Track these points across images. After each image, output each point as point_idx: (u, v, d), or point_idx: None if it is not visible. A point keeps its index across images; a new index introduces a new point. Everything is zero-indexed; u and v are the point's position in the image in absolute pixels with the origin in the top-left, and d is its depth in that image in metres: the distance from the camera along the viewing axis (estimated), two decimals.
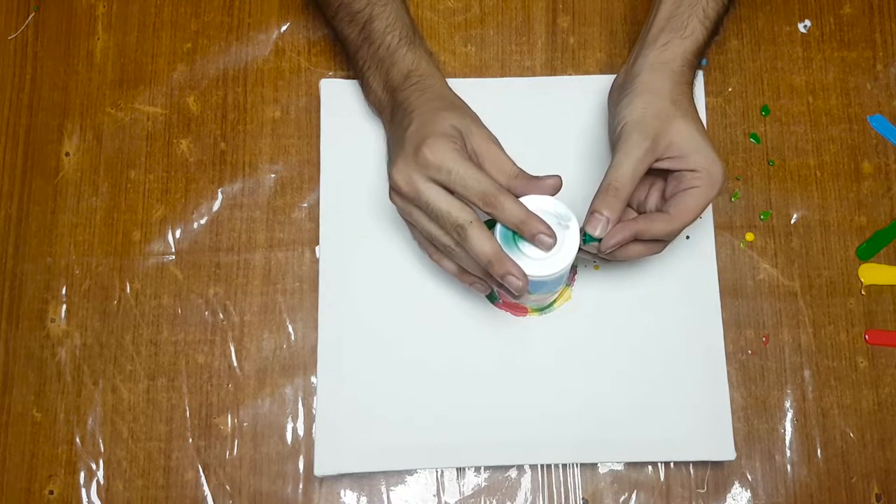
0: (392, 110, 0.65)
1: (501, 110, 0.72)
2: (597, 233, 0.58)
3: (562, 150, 0.71)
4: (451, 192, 0.57)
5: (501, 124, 0.71)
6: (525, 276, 0.56)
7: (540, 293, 0.64)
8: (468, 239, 0.56)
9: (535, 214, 0.57)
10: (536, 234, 0.56)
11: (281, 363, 0.69)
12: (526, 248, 0.58)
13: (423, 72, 0.64)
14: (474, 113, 0.62)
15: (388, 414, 0.67)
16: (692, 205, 0.59)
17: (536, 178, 0.58)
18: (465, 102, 0.63)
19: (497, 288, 0.61)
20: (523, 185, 0.58)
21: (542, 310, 0.68)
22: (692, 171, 0.60)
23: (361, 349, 0.68)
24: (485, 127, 0.61)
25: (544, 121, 0.72)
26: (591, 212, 0.58)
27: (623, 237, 0.58)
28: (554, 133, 0.71)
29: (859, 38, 0.74)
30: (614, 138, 0.61)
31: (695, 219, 0.60)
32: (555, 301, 0.68)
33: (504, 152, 0.59)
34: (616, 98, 0.63)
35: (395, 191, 0.59)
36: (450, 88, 0.65)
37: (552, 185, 0.58)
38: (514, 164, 0.59)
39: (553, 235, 0.56)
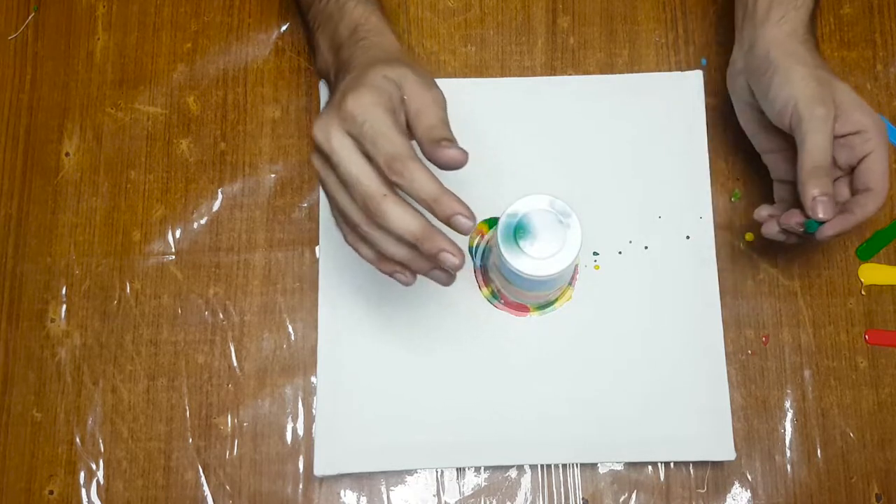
0: (336, 73, 0.60)
1: (501, 110, 0.72)
2: (828, 215, 0.57)
3: (562, 150, 0.71)
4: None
5: (501, 124, 0.71)
6: (461, 251, 0.50)
7: (541, 291, 0.64)
8: (384, 215, 0.50)
9: (451, 193, 0.50)
10: (452, 215, 0.50)
11: (281, 363, 0.69)
12: (528, 247, 0.58)
13: (373, 27, 0.60)
14: (422, 70, 0.56)
15: (388, 414, 0.67)
16: (882, 169, 0.58)
17: (444, 148, 0.51)
18: (414, 60, 0.58)
19: (426, 274, 0.54)
20: (432, 150, 0.51)
21: (542, 308, 0.68)
22: (857, 133, 0.59)
23: (361, 349, 0.68)
24: (428, 79, 0.55)
25: (544, 121, 0.72)
26: (814, 198, 0.57)
27: (842, 228, 0.57)
28: (554, 133, 0.71)
29: (859, 38, 0.74)
30: (785, 121, 0.59)
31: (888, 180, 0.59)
32: (556, 300, 0.68)
33: (441, 110, 0.53)
34: (759, 82, 0.61)
35: (314, 148, 0.53)
36: (400, 48, 0.60)
37: (452, 157, 0.51)
38: (444, 128, 0.53)
39: (473, 218, 0.50)
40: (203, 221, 0.71)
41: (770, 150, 0.65)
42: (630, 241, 0.70)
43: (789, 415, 0.68)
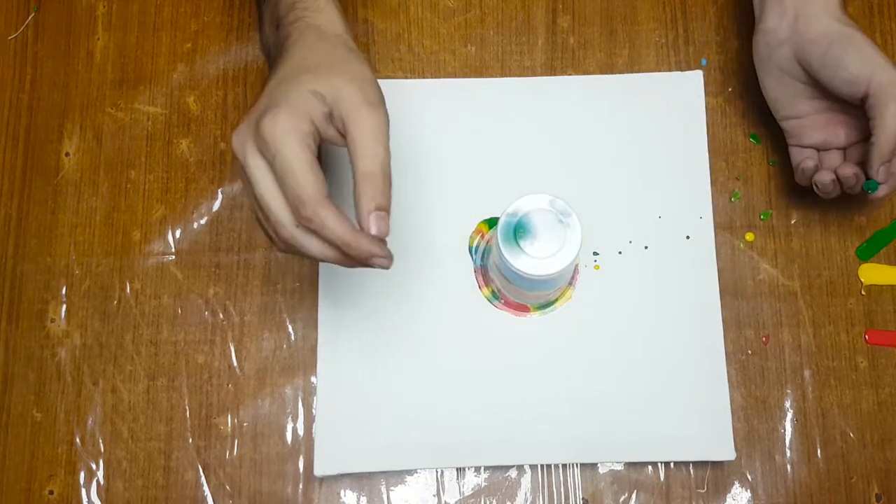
0: (272, 52, 0.57)
1: (501, 110, 0.72)
2: (886, 179, 0.62)
3: (562, 150, 0.71)
4: None
5: (501, 124, 0.72)
6: (390, 254, 0.50)
7: (541, 290, 0.64)
8: (298, 245, 0.50)
9: (365, 235, 0.49)
10: (369, 257, 0.49)
11: (281, 363, 0.69)
12: (527, 246, 0.58)
13: (310, 3, 0.56)
14: (360, 71, 0.52)
15: (388, 414, 0.67)
16: None
17: (370, 243, 0.49)
18: (353, 52, 0.54)
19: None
20: (362, 218, 0.49)
21: (543, 308, 0.68)
22: None
23: (361, 349, 0.68)
24: (368, 90, 0.51)
25: (544, 121, 0.72)
26: (883, 163, 0.61)
27: (891, 189, 0.62)
28: (554, 133, 0.71)
29: None
30: (858, 89, 0.61)
31: None
32: (556, 300, 0.68)
33: (380, 145, 0.50)
34: (826, 52, 0.62)
35: (233, 154, 0.52)
36: (341, 30, 0.55)
37: (376, 223, 0.49)
38: (379, 184, 0.49)
39: (390, 257, 0.50)
40: (203, 221, 0.71)
41: (794, 116, 0.66)
42: (630, 241, 0.70)
43: (789, 415, 0.68)
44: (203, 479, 0.67)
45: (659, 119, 0.72)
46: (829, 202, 0.71)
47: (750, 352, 0.69)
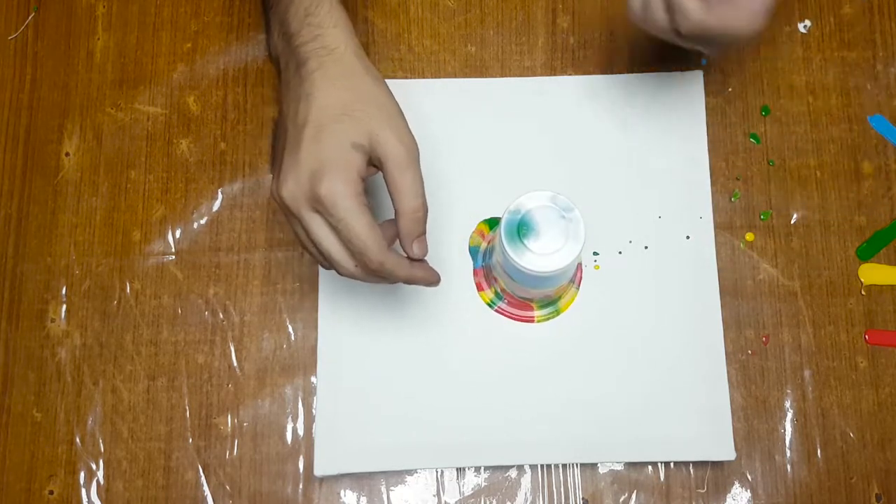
0: (287, 63, 0.58)
1: (502, 110, 0.72)
2: None
3: (562, 150, 0.71)
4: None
5: (501, 124, 0.72)
6: (438, 276, 0.58)
7: (546, 287, 0.64)
8: (364, 279, 0.56)
9: (419, 267, 0.57)
10: (428, 283, 0.58)
11: (281, 363, 0.69)
12: (530, 243, 0.58)
13: (323, 18, 0.57)
14: (387, 100, 0.57)
15: (388, 414, 0.67)
16: None
17: (418, 240, 0.56)
18: (375, 78, 0.57)
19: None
20: (407, 245, 0.56)
21: (546, 305, 0.68)
22: None
23: (361, 349, 0.68)
24: (395, 121, 0.56)
25: (544, 121, 0.72)
26: None
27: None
28: (554, 133, 0.71)
29: (859, 38, 0.74)
30: None
31: None
32: (559, 299, 0.68)
33: (416, 179, 0.55)
34: None
35: (279, 205, 0.56)
36: (355, 46, 0.57)
37: (418, 248, 0.56)
38: (419, 217, 0.55)
39: (439, 278, 0.58)
40: (203, 221, 0.71)
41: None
42: (630, 241, 0.70)
43: (789, 415, 0.68)
44: (203, 479, 0.67)
45: (659, 119, 0.72)
46: (827, 203, 0.71)
47: (750, 352, 0.69)
